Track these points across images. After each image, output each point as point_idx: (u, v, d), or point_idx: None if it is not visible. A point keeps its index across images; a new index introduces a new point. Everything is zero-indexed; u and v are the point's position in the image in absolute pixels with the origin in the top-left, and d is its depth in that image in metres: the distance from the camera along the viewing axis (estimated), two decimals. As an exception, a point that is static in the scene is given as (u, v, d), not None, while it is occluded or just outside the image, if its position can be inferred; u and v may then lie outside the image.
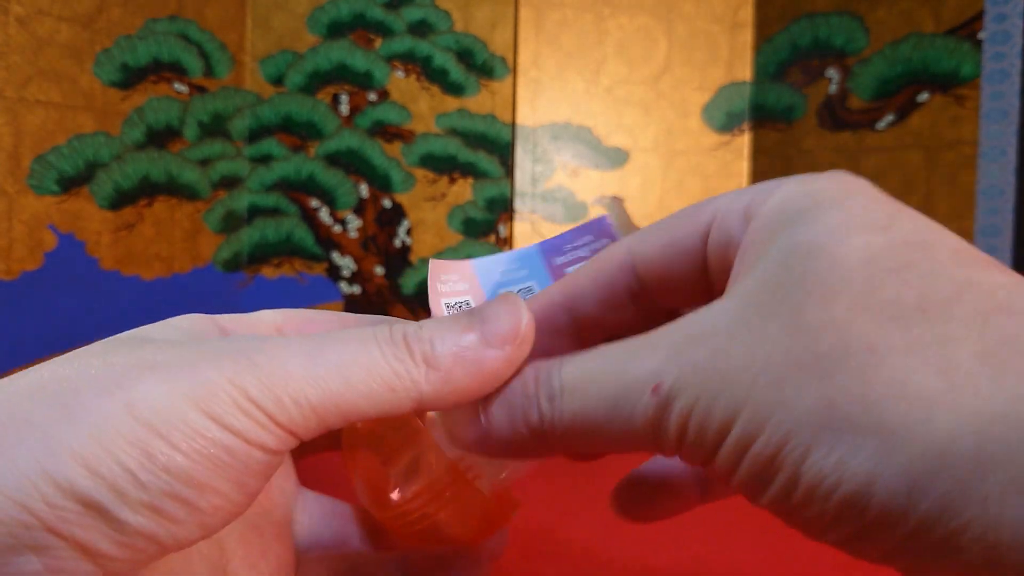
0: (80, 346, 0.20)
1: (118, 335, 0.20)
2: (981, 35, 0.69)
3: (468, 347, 0.18)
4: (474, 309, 0.19)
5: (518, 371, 0.19)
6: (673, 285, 0.20)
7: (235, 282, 0.74)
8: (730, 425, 0.16)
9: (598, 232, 0.25)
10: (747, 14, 0.83)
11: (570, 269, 0.24)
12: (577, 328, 0.22)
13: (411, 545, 0.25)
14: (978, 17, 0.69)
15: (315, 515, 0.26)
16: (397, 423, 0.23)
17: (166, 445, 0.16)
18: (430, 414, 0.23)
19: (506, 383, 0.19)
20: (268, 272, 0.75)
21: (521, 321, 0.18)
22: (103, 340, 0.19)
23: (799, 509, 0.15)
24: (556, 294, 0.22)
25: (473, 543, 0.25)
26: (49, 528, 0.15)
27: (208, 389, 0.17)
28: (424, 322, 0.18)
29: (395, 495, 0.23)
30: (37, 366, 0.18)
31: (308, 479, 0.28)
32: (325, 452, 0.28)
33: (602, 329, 0.22)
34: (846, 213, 0.16)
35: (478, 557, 0.24)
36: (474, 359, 0.18)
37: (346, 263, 0.77)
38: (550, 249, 0.26)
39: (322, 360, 0.17)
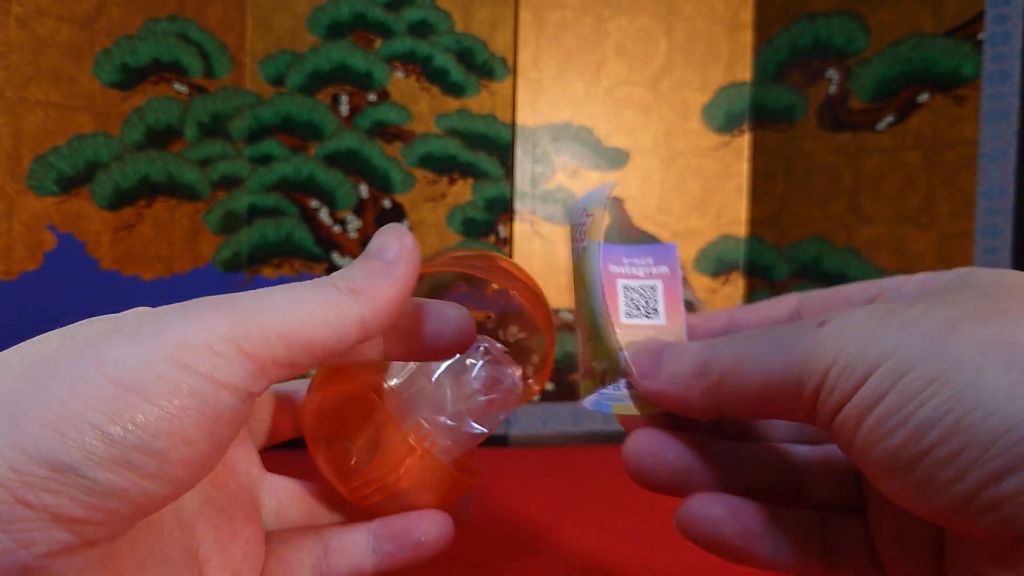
0: None
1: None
2: (981, 36, 0.69)
3: (376, 270, 0.21)
4: (366, 248, 0.23)
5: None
6: None
7: (235, 282, 0.74)
8: (884, 359, 0.16)
9: (660, 258, 0.27)
10: (747, 15, 0.83)
11: (622, 281, 0.26)
12: None
13: (376, 515, 0.26)
14: (978, 18, 0.69)
15: (283, 496, 0.27)
16: (355, 398, 0.24)
17: (136, 398, 0.16)
18: (387, 386, 0.24)
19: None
20: (268, 272, 0.75)
21: (404, 238, 0.22)
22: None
23: (943, 442, 0.15)
24: (723, 314, 0.25)
25: (435, 508, 0.26)
26: (17, 498, 0.15)
27: (176, 337, 0.17)
28: (338, 271, 0.22)
29: (355, 466, 0.24)
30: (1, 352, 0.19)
31: (274, 470, 0.29)
32: (288, 448, 0.29)
33: None
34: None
35: (443, 521, 0.25)
36: (384, 277, 0.21)
37: (346, 263, 0.77)
38: (608, 254, 0.27)
39: (279, 298, 0.19)
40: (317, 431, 0.25)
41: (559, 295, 0.80)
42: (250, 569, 0.23)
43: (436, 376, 0.26)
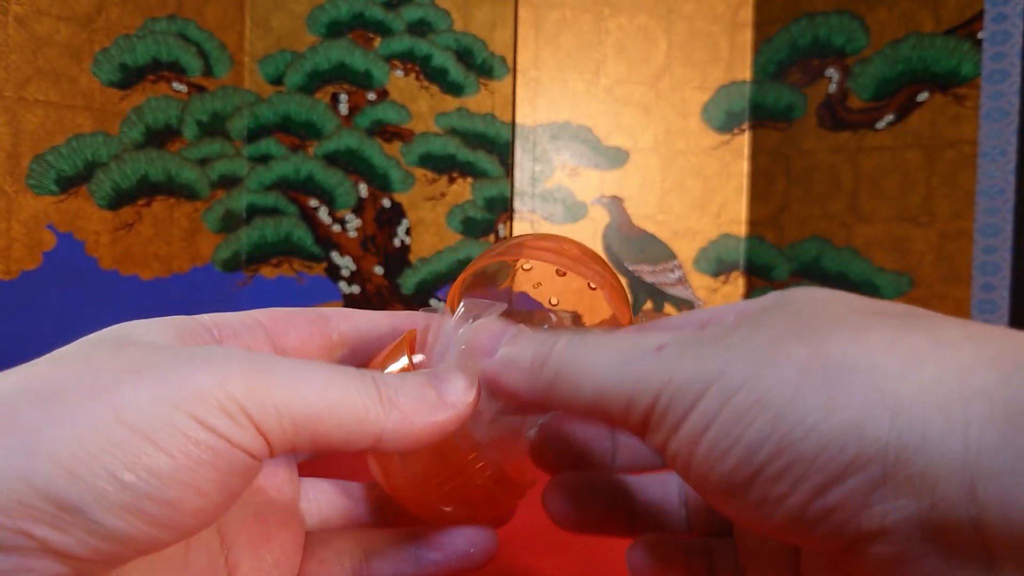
0: None
1: (99, 333, 0.20)
2: (981, 35, 0.69)
3: (426, 400, 0.21)
4: (432, 372, 0.22)
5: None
6: None
7: (234, 282, 0.74)
8: (712, 383, 0.17)
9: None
10: (747, 14, 0.83)
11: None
12: None
13: (423, 520, 0.25)
14: (978, 17, 0.69)
15: (323, 499, 0.27)
16: None
17: (152, 447, 0.16)
18: None
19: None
20: (267, 272, 0.75)
21: (472, 388, 0.22)
22: (85, 339, 0.20)
23: (772, 461, 0.16)
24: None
25: (480, 523, 0.25)
26: (21, 530, 0.15)
27: (195, 392, 0.17)
28: (390, 374, 0.21)
29: (407, 478, 0.24)
30: (22, 367, 0.18)
31: (319, 471, 0.29)
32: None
33: None
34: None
35: (490, 533, 0.25)
36: (430, 410, 0.20)
37: (345, 263, 0.77)
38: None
39: (307, 379, 0.19)
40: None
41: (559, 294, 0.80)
42: (283, 573, 0.23)
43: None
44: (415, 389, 0.21)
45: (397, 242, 0.77)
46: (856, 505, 0.15)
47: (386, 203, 0.77)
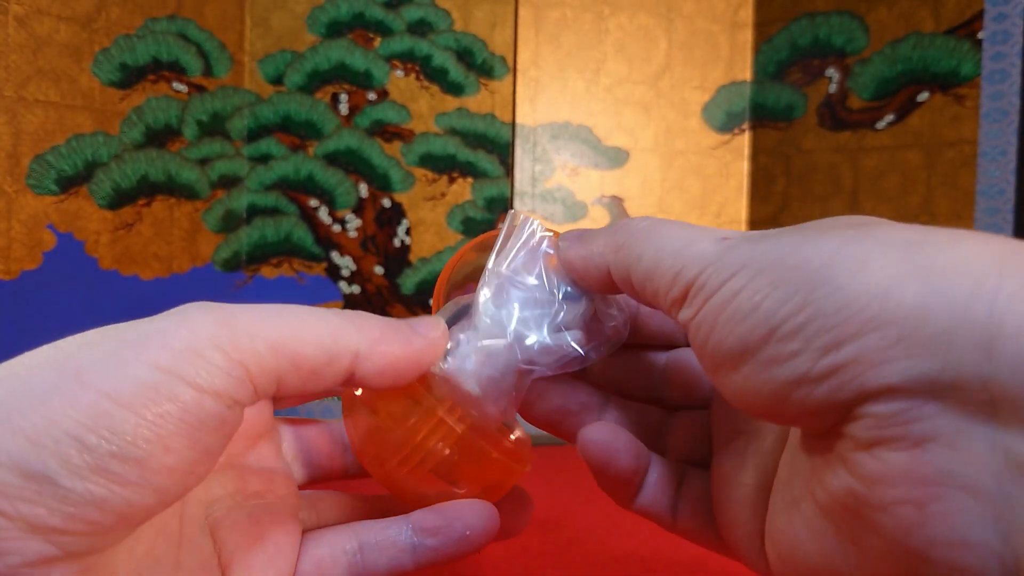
0: None
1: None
2: (981, 35, 0.69)
3: (398, 327, 0.21)
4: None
5: None
6: None
7: (234, 282, 0.74)
8: (751, 261, 0.18)
9: None
10: (747, 14, 0.83)
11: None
12: None
13: (416, 507, 0.25)
14: (978, 17, 0.69)
15: (320, 504, 0.27)
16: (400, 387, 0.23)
17: (114, 405, 0.16)
18: (434, 371, 0.23)
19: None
20: (267, 272, 0.75)
21: (441, 324, 0.23)
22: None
23: (791, 316, 0.17)
24: None
25: (479, 497, 0.24)
26: None
27: (160, 341, 0.17)
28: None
29: (390, 441, 0.23)
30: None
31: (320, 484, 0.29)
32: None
33: None
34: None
35: (487, 511, 0.24)
36: (403, 334, 0.21)
37: (345, 263, 0.77)
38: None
39: (276, 310, 0.19)
40: (358, 420, 0.25)
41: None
42: (278, 573, 0.23)
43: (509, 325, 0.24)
44: (383, 319, 0.21)
45: (397, 242, 0.77)
46: (866, 362, 0.15)
47: (386, 203, 0.77)
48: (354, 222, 0.77)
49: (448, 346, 0.23)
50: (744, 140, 0.84)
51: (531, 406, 0.27)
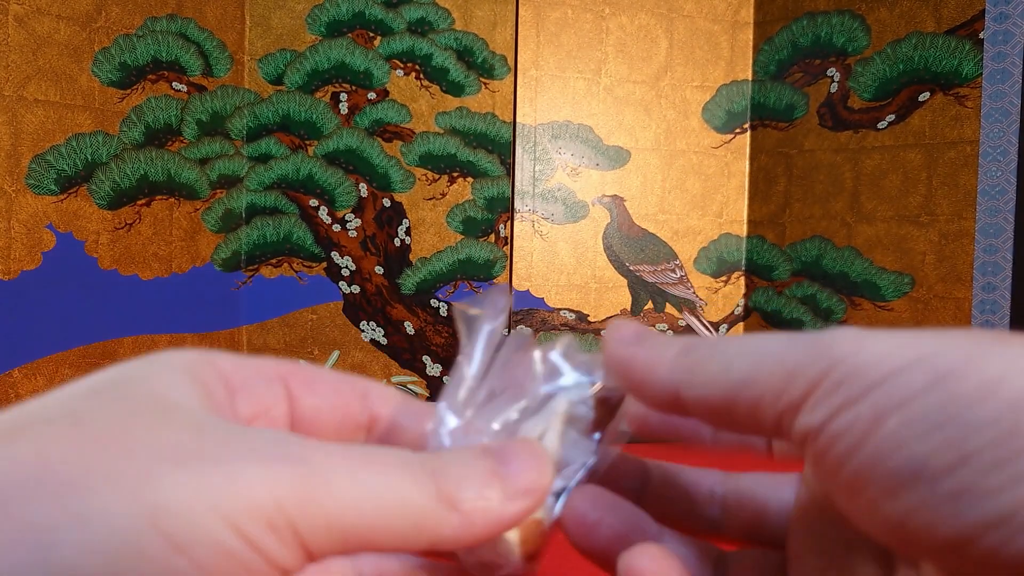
0: (78, 347, 0.18)
1: (118, 377, 0.17)
2: (982, 35, 0.68)
3: (491, 500, 0.18)
4: (498, 451, 0.19)
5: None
6: None
7: (234, 281, 0.74)
8: (916, 360, 0.15)
9: None
10: (748, 13, 0.83)
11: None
12: None
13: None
14: (979, 17, 0.68)
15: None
16: None
17: (187, 563, 0.14)
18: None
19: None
20: (267, 272, 0.75)
21: (546, 478, 0.18)
22: (106, 386, 0.17)
23: (994, 446, 0.14)
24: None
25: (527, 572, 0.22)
26: None
27: (242, 499, 0.15)
28: (449, 456, 0.18)
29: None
30: (33, 416, 0.16)
31: None
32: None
33: None
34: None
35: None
36: (496, 511, 0.17)
37: (345, 262, 0.76)
38: None
39: (362, 481, 0.16)
40: None
41: (559, 294, 0.80)
42: None
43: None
44: (478, 478, 0.18)
45: (397, 242, 0.77)
46: None
47: (386, 203, 0.77)
48: (354, 222, 0.77)
49: None
50: (745, 140, 0.84)
51: (588, 534, 0.22)
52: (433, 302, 0.77)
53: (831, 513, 0.18)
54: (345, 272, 0.76)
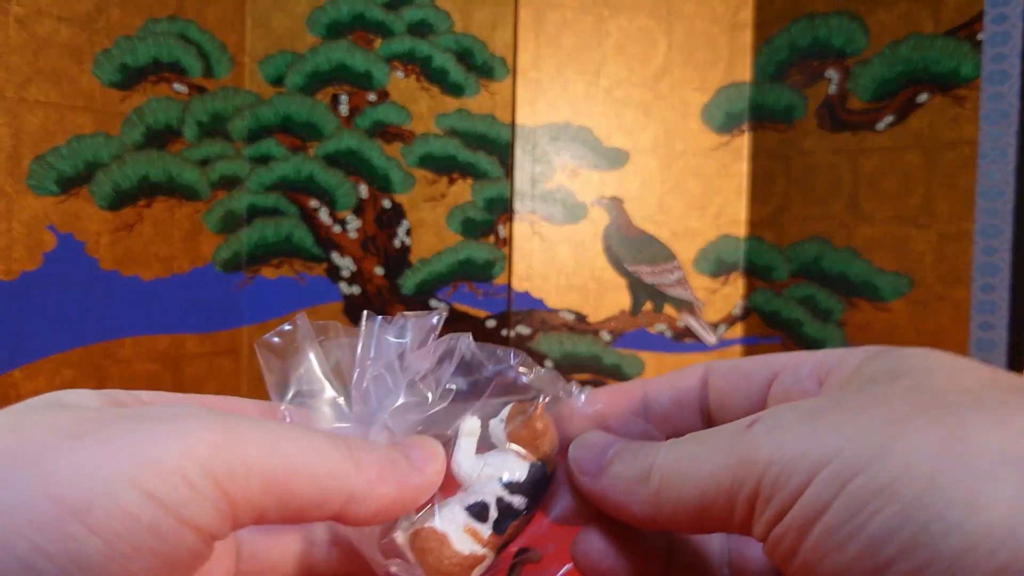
0: (79, 347, 0.19)
1: (27, 400, 0.17)
2: (981, 36, 0.69)
3: (396, 461, 0.19)
4: (401, 442, 0.20)
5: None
6: (732, 409, 0.22)
7: (234, 282, 0.74)
8: (824, 463, 0.15)
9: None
10: (747, 15, 0.83)
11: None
12: (647, 418, 0.24)
13: None
14: (978, 18, 0.69)
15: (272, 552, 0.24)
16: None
17: (81, 527, 0.14)
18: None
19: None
20: (268, 272, 0.75)
21: (440, 454, 0.20)
22: (10, 407, 0.17)
23: (903, 556, 0.14)
24: (637, 386, 0.24)
25: None
26: None
27: (152, 458, 0.15)
28: (360, 438, 0.20)
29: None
30: None
31: None
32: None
33: (668, 426, 0.24)
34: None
35: None
36: (400, 472, 0.19)
37: (346, 263, 0.77)
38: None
39: (279, 435, 0.17)
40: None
41: (559, 295, 0.80)
42: None
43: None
44: (383, 451, 0.19)
45: (397, 243, 0.77)
46: None
47: (386, 204, 0.77)
48: (354, 223, 0.77)
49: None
50: (744, 141, 0.84)
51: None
52: (433, 303, 0.78)
53: None
54: (346, 273, 0.77)
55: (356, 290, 0.77)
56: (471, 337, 0.24)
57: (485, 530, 0.22)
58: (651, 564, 0.23)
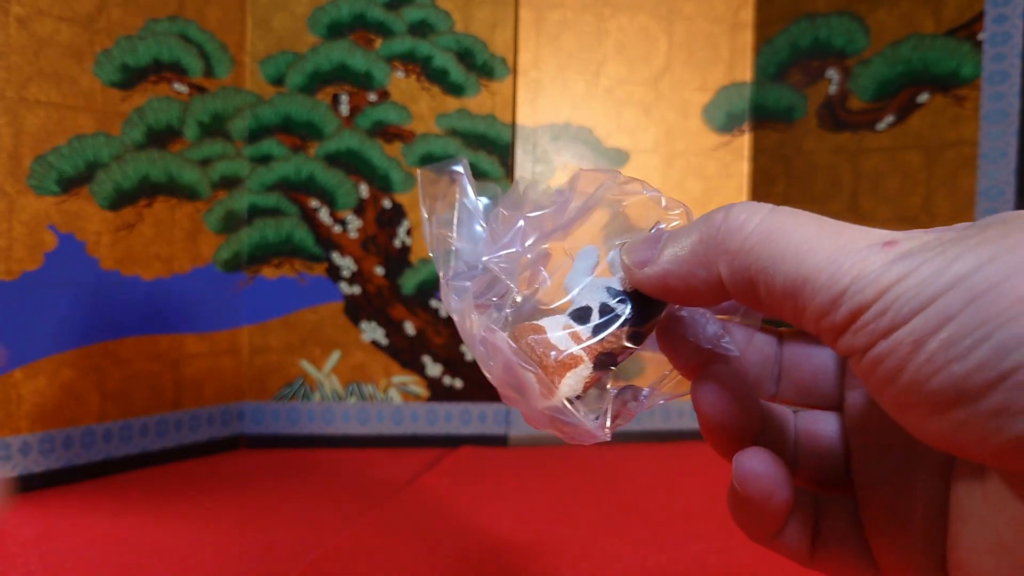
0: (80, 347, 0.19)
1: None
2: (981, 36, 0.69)
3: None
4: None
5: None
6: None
7: (235, 282, 0.74)
8: (957, 282, 0.15)
9: None
10: (747, 15, 0.83)
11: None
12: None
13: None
14: (978, 18, 0.69)
15: None
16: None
17: None
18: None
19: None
20: (268, 272, 0.75)
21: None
22: None
23: (1020, 368, 0.14)
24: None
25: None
26: None
27: None
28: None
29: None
30: None
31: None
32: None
33: None
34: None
35: None
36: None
37: (346, 263, 0.77)
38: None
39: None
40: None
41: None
42: None
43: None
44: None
45: (398, 243, 0.77)
46: None
47: (387, 204, 0.77)
48: (355, 223, 0.77)
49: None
50: (744, 141, 0.84)
51: (674, 340, 0.25)
52: (433, 303, 0.78)
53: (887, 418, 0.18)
54: (346, 273, 0.77)
55: (356, 290, 0.77)
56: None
57: (584, 331, 0.23)
58: (751, 421, 0.23)
